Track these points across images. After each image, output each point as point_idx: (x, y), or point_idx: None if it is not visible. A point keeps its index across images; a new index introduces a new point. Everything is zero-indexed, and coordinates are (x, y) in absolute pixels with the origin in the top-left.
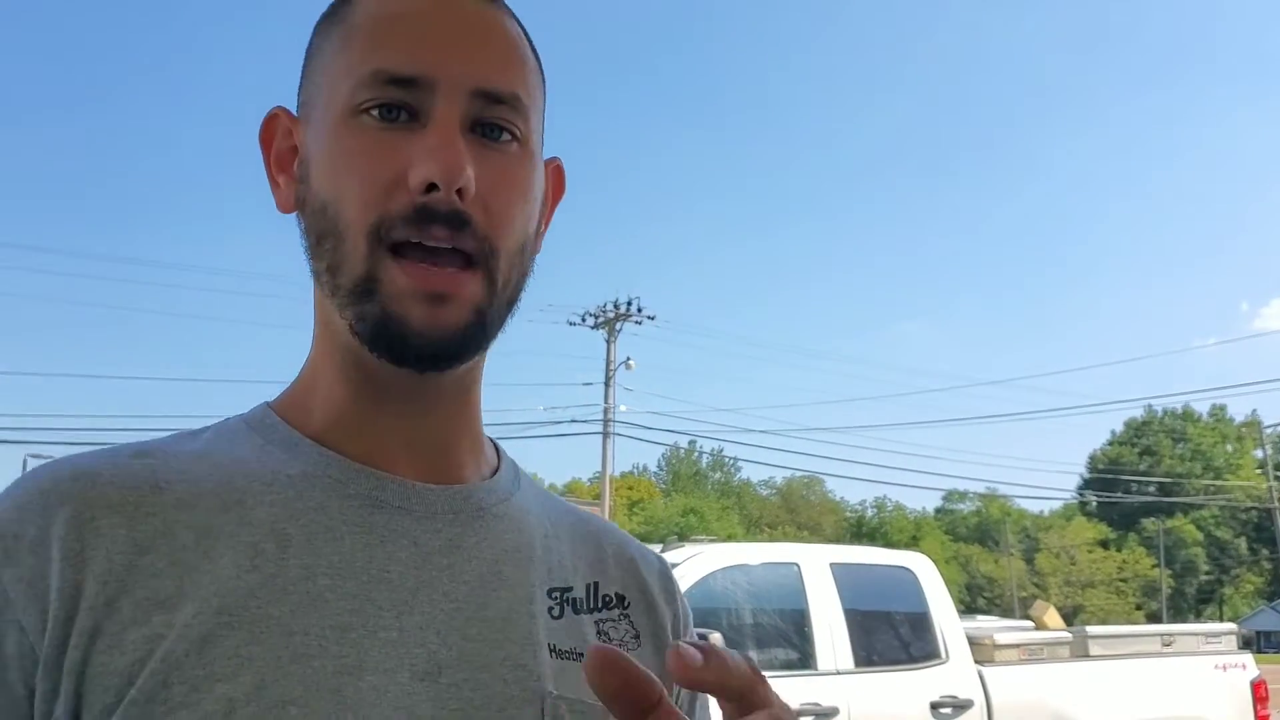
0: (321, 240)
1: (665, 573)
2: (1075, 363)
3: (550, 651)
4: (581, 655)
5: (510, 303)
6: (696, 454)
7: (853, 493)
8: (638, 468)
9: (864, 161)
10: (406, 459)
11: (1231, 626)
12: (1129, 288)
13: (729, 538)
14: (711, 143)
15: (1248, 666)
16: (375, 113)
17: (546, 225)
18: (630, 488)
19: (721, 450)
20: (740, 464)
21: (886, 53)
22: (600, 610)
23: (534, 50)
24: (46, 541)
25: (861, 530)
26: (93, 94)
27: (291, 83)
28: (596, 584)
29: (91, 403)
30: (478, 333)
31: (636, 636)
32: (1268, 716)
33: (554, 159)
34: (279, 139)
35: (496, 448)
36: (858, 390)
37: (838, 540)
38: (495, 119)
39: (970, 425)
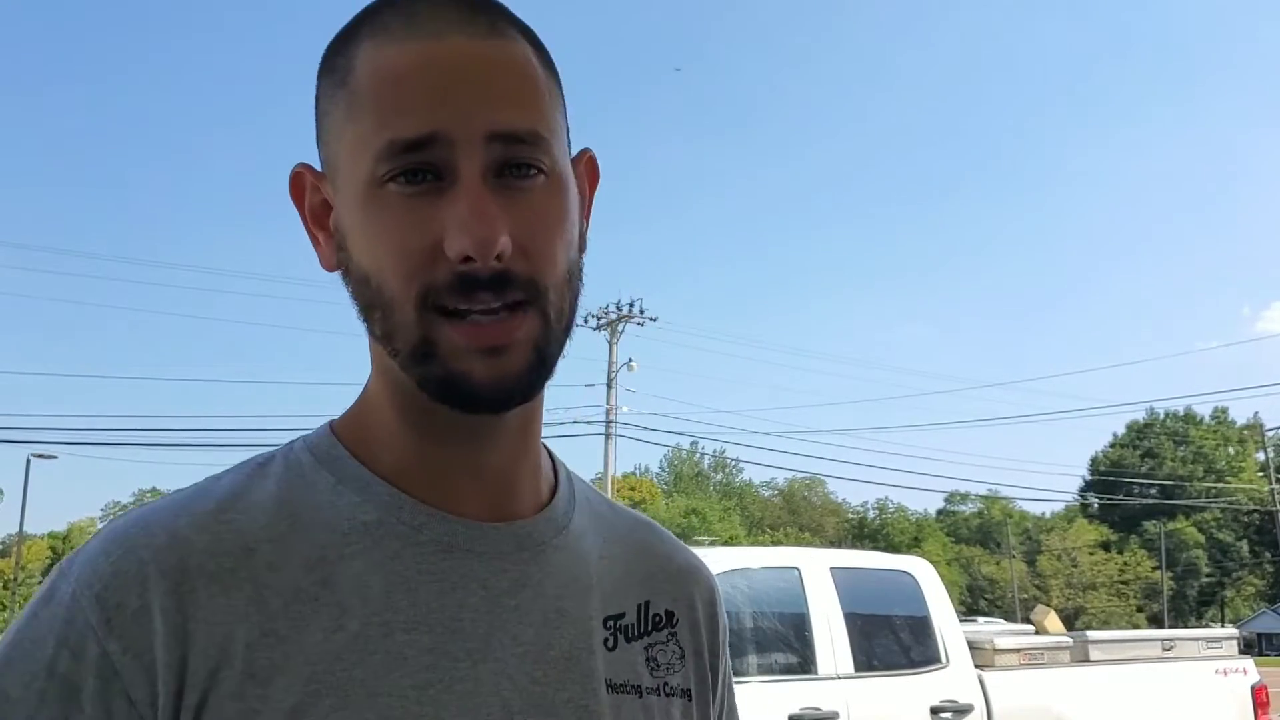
0: (370, 310)
1: (712, 587)
2: (1077, 365)
3: (608, 687)
4: (635, 688)
5: (567, 329)
6: (698, 455)
7: (854, 494)
8: (640, 469)
9: (868, 164)
10: (471, 496)
11: (1232, 632)
12: (1132, 291)
13: (731, 539)
14: (715, 145)
15: (1248, 671)
16: (400, 180)
17: (588, 218)
18: (632, 489)
19: (723, 451)
20: (742, 465)
21: (892, 57)
22: (650, 634)
23: (544, 58)
24: (149, 613)
25: (863, 532)
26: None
27: (298, 85)
28: (648, 603)
29: (96, 403)
30: (540, 370)
31: (682, 657)
32: None
33: (585, 151)
34: (309, 195)
35: (552, 458)
36: (860, 392)
37: (839, 541)
38: (518, 159)
39: (972, 427)
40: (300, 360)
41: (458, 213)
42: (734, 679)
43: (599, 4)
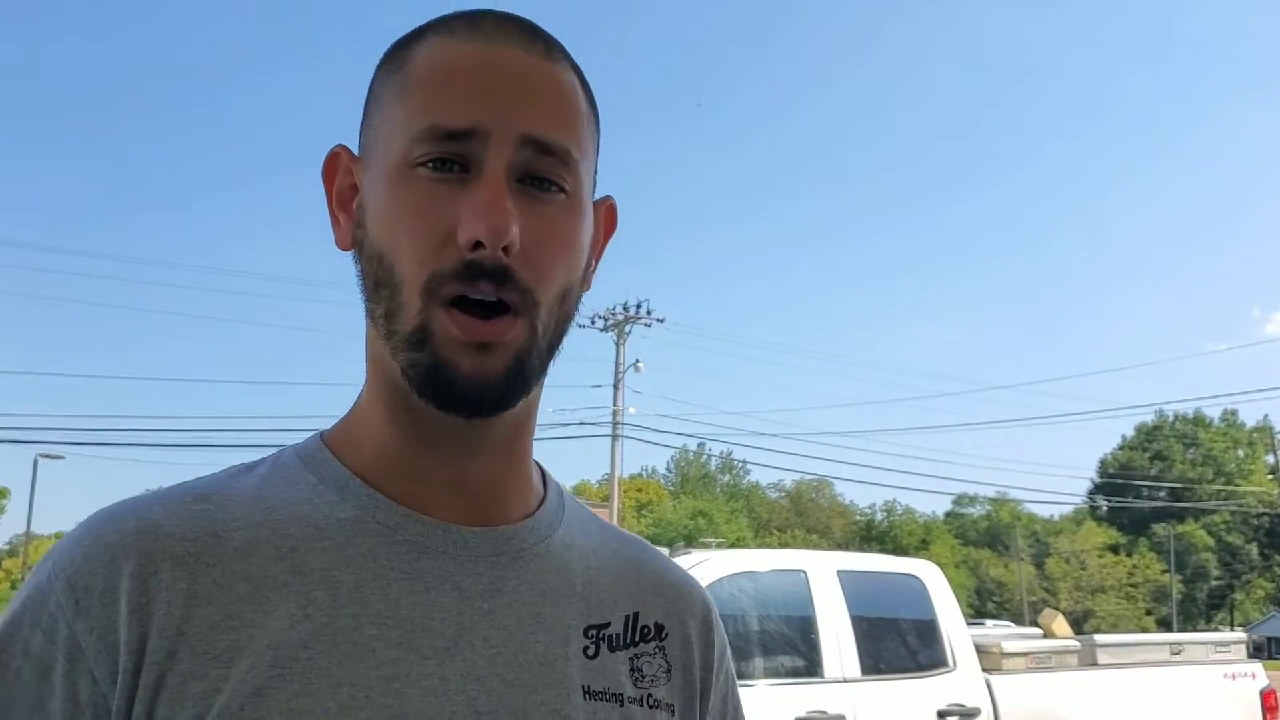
0: (379, 288)
1: (706, 605)
2: (1086, 367)
3: (584, 693)
4: (616, 696)
5: (551, 348)
6: (705, 456)
7: (862, 496)
8: (646, 470)
9: (875, 166)
10: (451, 501)
11: (1241, 635)
12: (1141, 293)
13: (738, 540)
14: (722, 147)
15: (1257, 675)
16: (430, 165)
17: (597, 262)
18: (639, 490)
19: (730, 453)
20: (749, 467)
21: (898, 59)
22: (636, 644)
23: (589, 96)
24: (114, 594)
25: (871, 534)
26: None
27: (302, 85)
28: (636, 615)
29: (103, 403)
30: (518, 379)
31: (668, 670)
32: None
33: (607, 198)
34: (340, 176)
35: (544, 476)
36: (868, 394)
37: (847, 543)
38: (544, 172)
39: (980, 429)
40: (306, 361)
41: (476, 201)
42: (741, 682)
43: (601, 4)
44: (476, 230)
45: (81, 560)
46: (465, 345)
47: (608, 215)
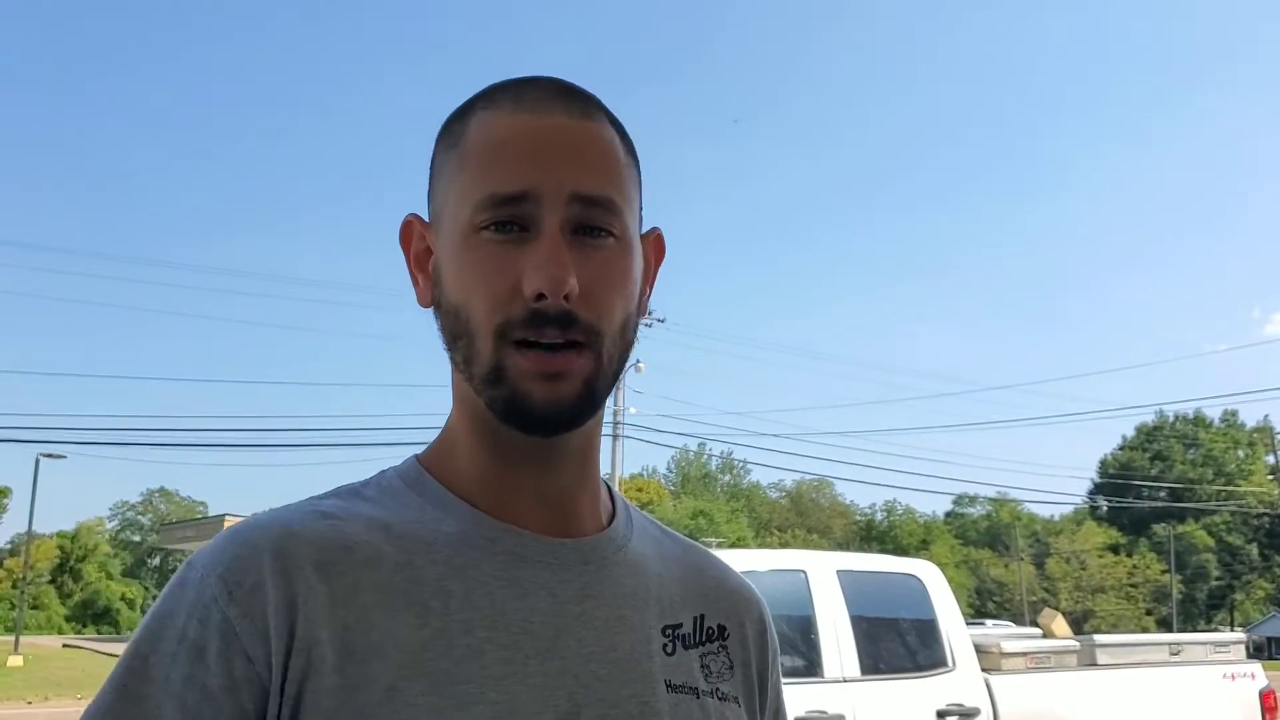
0: (457, 339)
1: (762, 609)
2: (1087, 368)
3: (667, 687)
4: (693, 689)
5: (616, 374)
6: (706, 456)
7: (863, 496)
8: (647, 469)
9: (877, 166)
10: (536, 513)
11: (1240, 636)
12: (1141, 293)
13: (738, 540)
14: (722, 145)
15: (1256, 676)
16: (492, 229)
17: (650, 289)
18: (639, 490)
19: (730, 453)
20: (749, 466)
21: (902, 58)
22: (704, 644)
23: (628, 145)
24: (263, 588)
25: (871, 534)
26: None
27: (307, 85)
28: (702, 616)
29: (104, 403)
30: (588, 401)
31: (731, 667)
32: None
33: (654, 230)
34: (415, 241)
35: (611, 493)
36: (868, 394)
37: (847, 543)
38: (593, 222)
39: (981, 429)
40: (308, 361)
41: (537, 257)
42: None
43: (604, 3)
44: (539, 283)
45: (232, 559)
46: (537, 376)
47: (656, 245)
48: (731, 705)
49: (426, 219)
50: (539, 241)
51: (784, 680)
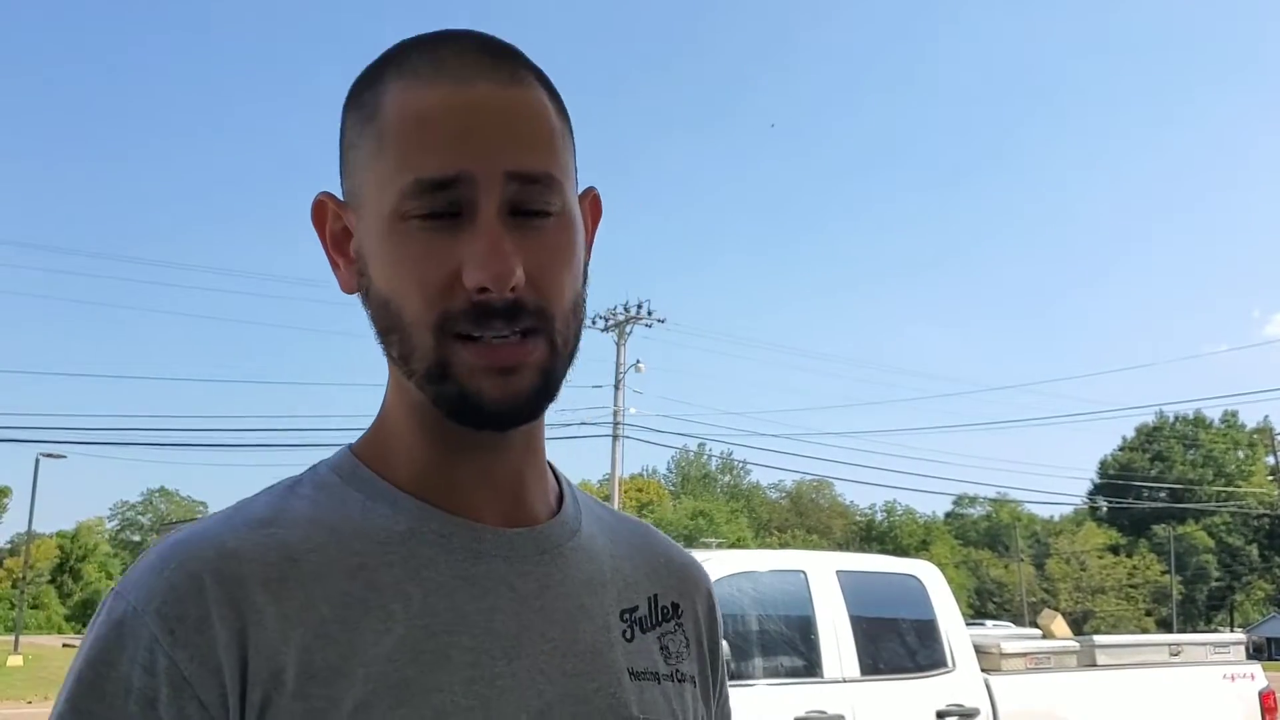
0: (389, 333)
1: (708, 581)
2: (1087, 368)
3: (630, 675)
4: (654, 675)
5: (571, 356)
6: (706, 457)
7: (863, 497)
8: (647, 470)
9: (877, 166)
10: (488, 504)
11: (1240, 636)
12: (1141, 294)
13: (738, 541)
14: (723, 146)
15: (1256, 676)
16: (421, 217)
17: (589, 252)
18: (640, 490)
19: (731, 453)
20: (749, 467)
21: (900, 58)
22: (660, 624)
23: (559, 104)
24: (208, 621)
25: (871, 534)
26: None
27: (306, 86)
28: (656, 595)
29: (104, 403)
30: (545, 392)
31: (688, 645)
32: None
33: (590, 190)
34: (330, 221)
35: (554, 470)
36: (868, 394)
37: (847, 544)
38: (532, 203)
39: (981, 430)
40: (308, 361)
41: (476, 248)
42: (740, 682)
43: (614, 8)
44: (482, 277)
45: (168, 590)
46: (487, 371)
47: (593, 206)
48: (689, 686)
49: (341, 197)
50: (476, 229)
51: (785, 681)
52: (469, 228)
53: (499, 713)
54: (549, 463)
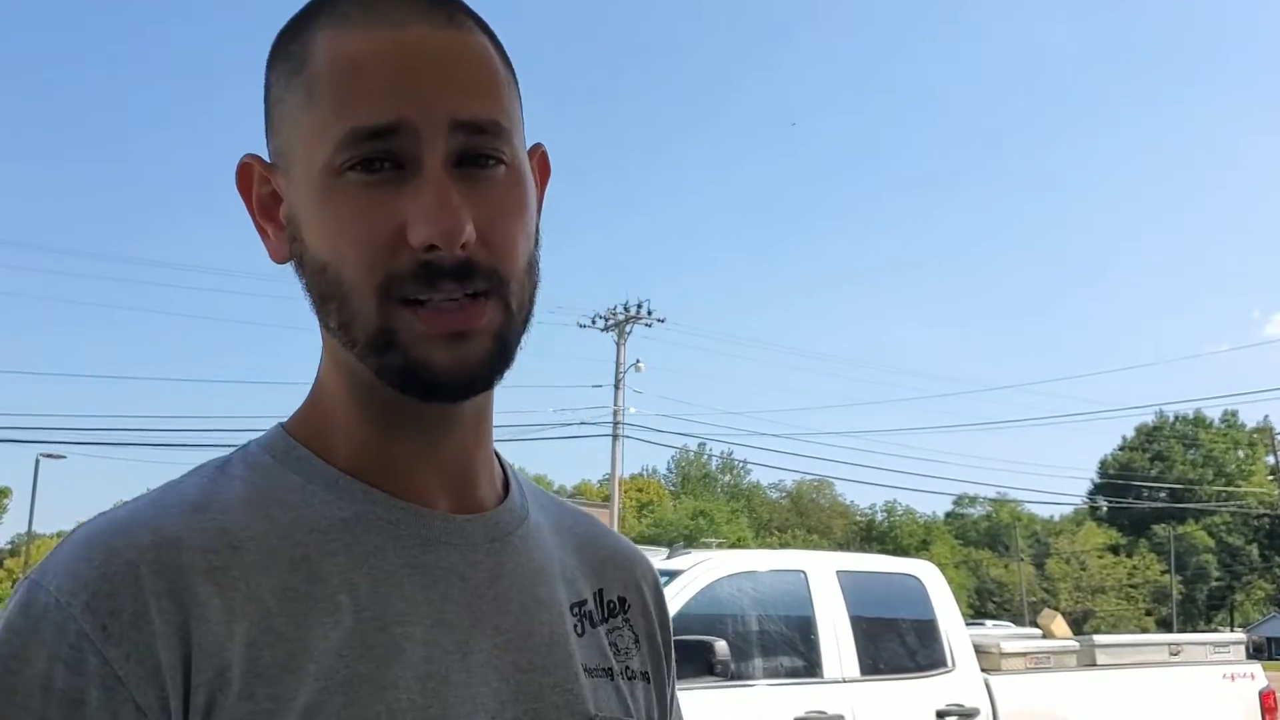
0: (327, 301)
1: (655, 573)
2: (1087, 368)
3: (585, 672)
4: (606, 671)
5: (526, 320)
6: (706, 456)
7: (863, 496)
8: (647, 470)
9: (876, 165)
10: (437, 487)
11: (1240, 636)
12: (1141, 293)
13: (738, 541)
14: (723, 145)
15: (1256, 676)
16: (359, 168)
17: (539, 210)
18: (640, 490)
19: (731, 453)
20: (749, 467)
21: (898, 56)
22: (608, 620)
23: (502, 52)
24: (147, 616)
25: (871, 534)
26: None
27: None
28: (601, 590)
29: (105, 403)
30: (500, 358)
31: (636, 641)
32: None
33: (538, 146)
34: (257, 186)
35: (498, 455)
36: (868, 394)
37: (847, 544)
38: (480, 150)
39: (981, 430)
40: (308, 361)
41: (422, 202)
42: (741, 682)
43: (612, 7)
44: (429, 235)
45: (98, 581)
46: (437, 338)
47: (541, 163)
48: (640, 683)
49: (269, 159)
50: (421, 182)
51: (784, 681)
52: (412, 180)
53: (456, 711)
54: (495, 449)
